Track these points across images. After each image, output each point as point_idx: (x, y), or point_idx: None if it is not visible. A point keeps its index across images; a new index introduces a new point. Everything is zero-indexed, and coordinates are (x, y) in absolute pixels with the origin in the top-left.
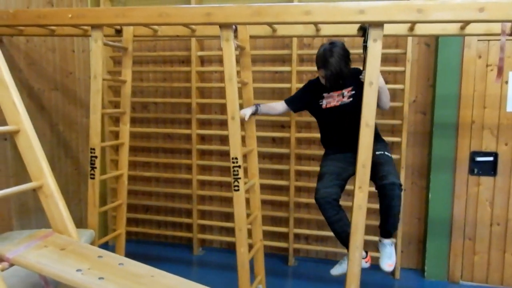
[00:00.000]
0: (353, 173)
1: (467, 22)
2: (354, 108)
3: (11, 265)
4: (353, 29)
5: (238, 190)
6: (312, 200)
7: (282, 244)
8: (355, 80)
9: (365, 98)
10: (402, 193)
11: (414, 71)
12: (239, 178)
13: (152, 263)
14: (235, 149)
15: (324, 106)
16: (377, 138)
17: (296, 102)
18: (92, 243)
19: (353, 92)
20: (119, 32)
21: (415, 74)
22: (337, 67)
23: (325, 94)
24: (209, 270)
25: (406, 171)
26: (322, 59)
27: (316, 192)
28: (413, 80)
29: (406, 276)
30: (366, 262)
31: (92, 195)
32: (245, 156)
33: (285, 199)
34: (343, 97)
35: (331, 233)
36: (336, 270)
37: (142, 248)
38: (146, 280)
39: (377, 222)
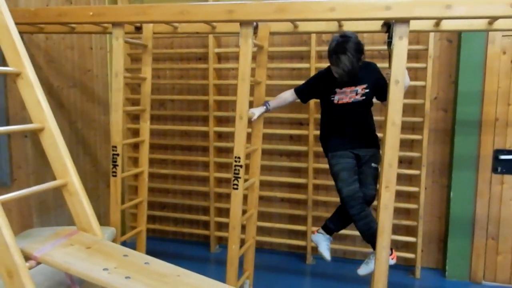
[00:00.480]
0: (358, 169)
1: (496, 18)
2: (366, 106)
3: (38, 263)
4: (377, 25)
5: (236, 189)
6: (331, 198)
7: (300, 243)
8: (371, 77)
9: (391, 97)
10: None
11: (436, 68)
12: (239, 178)
13: (169, 261)
14: (239, 148)
15: (336, 101)
16: (374, 140)
17: (307, 94)
18: (114, 241)
19: (367, 90)
20: (138, 29)
21: (436, 70)
22: (350, 65)
23: (337, 90)
24: (226, 268)
25: (427, 169)
26: (334, 56)
27: (340, 192)
28: (434, 77)
29: (427, 276)
30: (392, 259)
31: (114, 193)
32: (249, 154)
33: (303, 197)
34: (356, 94)
35: (349, 232)
36: (362, 270)
37: (159, 246)
38: (172, 280)
39: (398, 221)
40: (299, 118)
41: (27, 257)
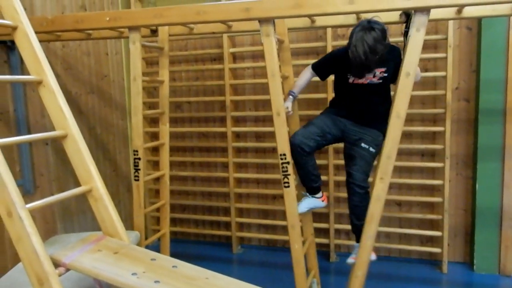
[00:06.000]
0: (337, 139)
1: None
2: (381, 89)
3: (67, 270)
4: (395, 15)
5: (288, 186)
6: None
7: (323, 240)
8: (392, 61)
9: (399, 89)
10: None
11: (456, 57)
12: (289, 175)
13: (193, 263)
14: (283, 145)
15: (351, 81)
16: (378, 123)
17: (324, 72)
18: (138, 245)
19: (386, 74)
20: (154, 32)
21: (456, 60)
22: (363, 57)
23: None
24: (249, 268)
25: (450, 161)
26: (351, 42)
27: (293, 137)
28: (455, 67)
29: (454, 270)
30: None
31: (137, 197)
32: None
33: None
34: (373, 76)
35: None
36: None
37: (181, 247)
38: (201, 283)
39: (423, 216)
40: (316, 115)
41: (56, 264)
